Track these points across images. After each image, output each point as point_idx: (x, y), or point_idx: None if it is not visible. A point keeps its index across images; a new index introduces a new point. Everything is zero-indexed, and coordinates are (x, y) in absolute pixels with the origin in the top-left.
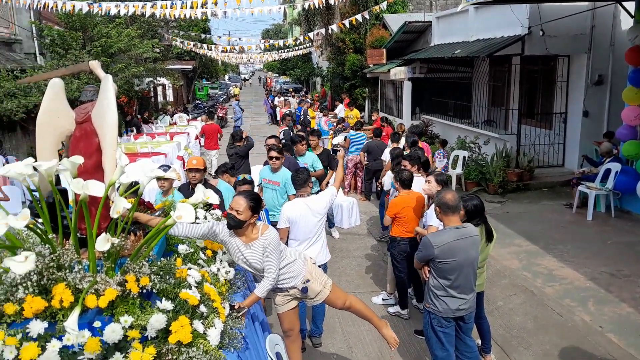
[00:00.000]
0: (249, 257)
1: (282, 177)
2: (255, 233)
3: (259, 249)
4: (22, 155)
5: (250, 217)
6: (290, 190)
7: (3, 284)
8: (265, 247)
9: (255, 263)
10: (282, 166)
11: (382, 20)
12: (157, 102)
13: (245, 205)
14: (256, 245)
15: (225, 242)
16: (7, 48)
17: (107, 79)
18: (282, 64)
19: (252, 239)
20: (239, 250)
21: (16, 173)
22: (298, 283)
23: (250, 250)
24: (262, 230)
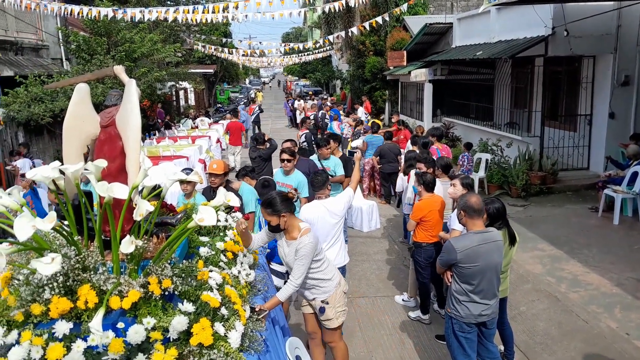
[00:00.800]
0: (287, 253)
1: (294, 179)
2: (296, 233)
3: (293, 249)
4: (48, 159)
5: (279, 220)
6: (303, 193)
7: (30, 285)
8: (298, 250)
9: (289, 261)
10: (295, 169)
11: (403, 22)
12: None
13: (266, 214)
14: (292, 245)
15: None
16: (35, 54)
17: (131, 83)
18: (302, 67)
19: (292, 238)
20: (282, 245)
21: (43, 176)
22: (318, 300)
23: (289, 248)
24: (303, 233)
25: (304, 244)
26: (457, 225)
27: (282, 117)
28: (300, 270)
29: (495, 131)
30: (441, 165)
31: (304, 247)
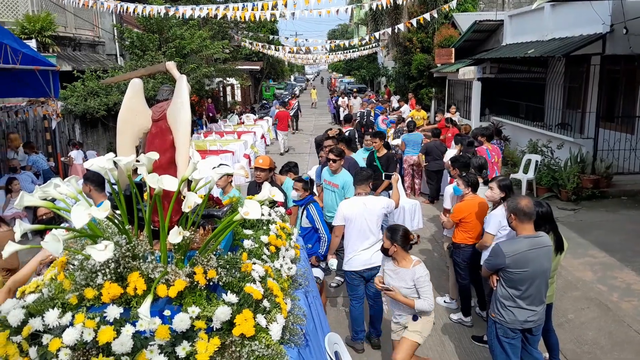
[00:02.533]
0: (393, 277)
1: (341, 179)
2: (407, 263)
3: (407, 277)
4: (102, 150)
5: (390, 246)
6: (348, 193)
7: (84, 270)
8: (417, 279)
9: (392, 282)
10: (342, 169)
11: (451, 19)
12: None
13: (384, 236)
14: (404, 273)
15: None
16: (92, 50)
17: (182, 79)
18: (347, 64)
19: (404, 266)
20: (388, 267)
21: (98, 167)
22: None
23: (398, 274)
24: (415, 264)
25: (421, 274)
26: (491, 228)
27: (326, 114)
28: (429, 292)
29: (546, 132)
30: (474, 165)
31: (422, 276)
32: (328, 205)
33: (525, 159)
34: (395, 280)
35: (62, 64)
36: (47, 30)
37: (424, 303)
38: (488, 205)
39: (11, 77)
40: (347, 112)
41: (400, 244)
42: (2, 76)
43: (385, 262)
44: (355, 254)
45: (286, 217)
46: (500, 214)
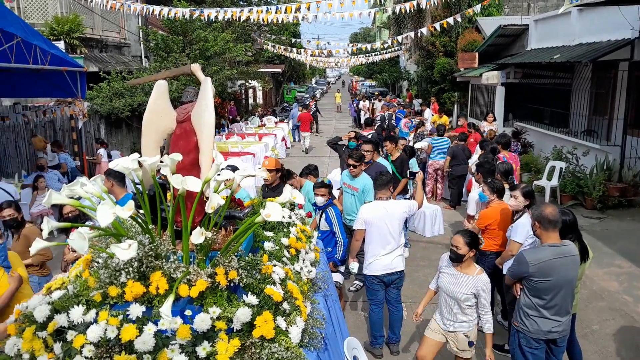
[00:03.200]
0: (453, 282)
1: (361, 183)
2: (472, 270)
3: (468, 283)
4: (125, 150)
5: (468, 252)
6: (367, 197)
7: (108, 268)
8: (481, 286)
9: (452, 288)
10: (363, 172)
11: (475, 23)
12: (248, 104)
13: (462, 242)
14: (466, 279)
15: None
16: (118, 51)
17: (207, 81)
18: (369, 67)
19: (467, 273)
20: (449, 272)
21: (123, 167)
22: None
23: (458, 279)
24: (479, 272)
25: (485, 282)
26: (518, 237)
27: (347, 117)
28: (489, 302)
29: (571, 138)
30: (501, 171)
31: (486, 284)
32: (347, 208)
33: (549, 166)
34: (454, 285)
35: (89, 65)
36: (75, 31)
37: (490, 322)
38: (511, 212)
39: (40, 78)
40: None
41: (473, 249)
42: (32, 77)
43: (445, 265)
44: (376, 259)
45: (306, 220)
46: (528, 222)
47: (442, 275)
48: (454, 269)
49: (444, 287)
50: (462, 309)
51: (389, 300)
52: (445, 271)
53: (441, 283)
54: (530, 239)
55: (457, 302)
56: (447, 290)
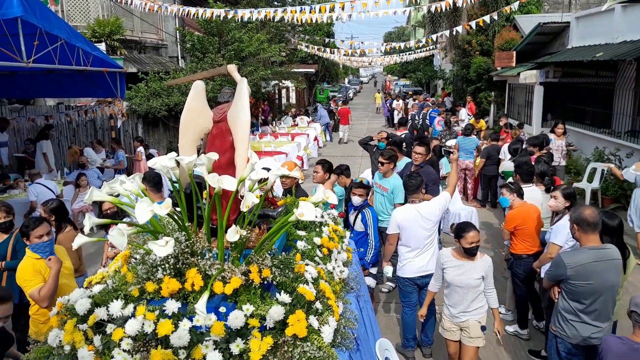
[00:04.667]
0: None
1: (391, 183)
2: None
3: (477, 269)
4: (162, 149)
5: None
6: (397, 198)
7: (145, 264)
8: (488, 268)
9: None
10: (394, 172)
11: (513, 21)
12: (281, 104)
13: (478, 235)
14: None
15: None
16: (155, 52)
17: (243, 82)
18: (403, 66)
19: (469, 259)
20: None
21: (161, 165)
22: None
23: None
24: (481, 255)
25: (490, 263)
26: (558, 239)
27: (379, 117)
28: (492, 281)
29: (614, 139)
30: (537, 172)
31: (490, 265)
32: (378, 209)
33: (590, 168)
34: (463, 274)
35: (128, 66)
36: (115, 34)
37: (495, 298)
38: (540, 212)
39: (82, 78)
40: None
41: None
42: (75, 77)
43: (446, 260)
44: (409, 261)
45: (339, 220)
46: (568, 224)
47: (447, 270)
48: (458, 260)
49: (453, 280)
50: (475, 296)
51: (423, 302)
52: (449, 265)
53: (449, 277)
54: (571, 242)
55: (468, 291)
56: (458, 282)
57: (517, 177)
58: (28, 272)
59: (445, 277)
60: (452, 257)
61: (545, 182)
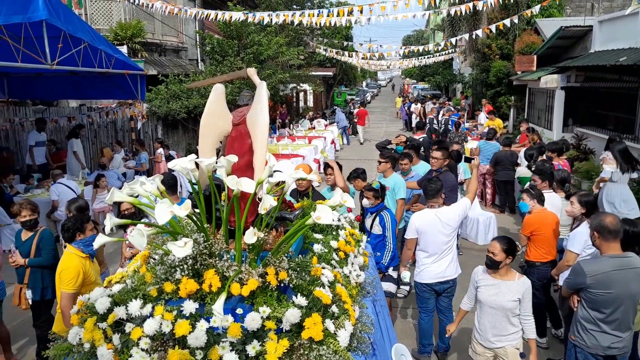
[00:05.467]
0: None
1: (391, 181)
2: (512, 276)
3: (513, 289)
4: (181, 151)
5: (505, 258)
6: (398, 194)
7: (164, 265)
8: (525, 290)
9: (500, 300)
10: (393, 172)
11: (534, 25)
12: (298, 107)
13: (499, 248)
14: (509, 285)
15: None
16: (175, 55)
17: (262, 85)
18: (422, 70)
19: (510, 278)
20: (485, 281)
21: (181, 167)
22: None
23: (498, 287)
24: (520, 276)
25: (528, 286)
26: (575, 247)
27: (397, 121)
28: (531, 306)
29: (637, 145)
30: (557, 179)
31: (528, 288)
32: None
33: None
34: (498, 294)
35: (148, 69)
36: (137, 36)
37: (532, 327)
38: (559, 220)
39: (104, 80)
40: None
41: (514, 257)
42: (97, 79)
43: (480, 278)
44: (427, 266)
45: (355, 224)
46: (585, 231)
47: (480, 289)
48: (493, 278)
49: (486, 300)
50: (509, 320)
51: (440, 309)
52: (483, 284)
53: (482, 297)
54: (588, 249)
55: (503, 313)
56: (491, 303)
57: (537, 181)
58: (72, 272)
59: (478, 297)
60: (486, 275)
61: (565, 189)
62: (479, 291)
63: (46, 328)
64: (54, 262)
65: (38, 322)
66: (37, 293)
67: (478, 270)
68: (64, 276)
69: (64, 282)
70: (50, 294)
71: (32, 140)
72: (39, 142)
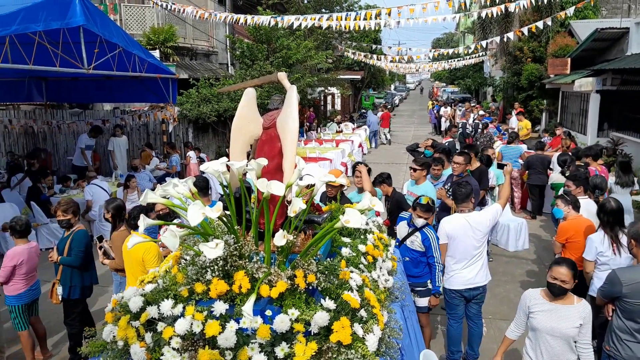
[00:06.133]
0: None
1: (422, 190)
2: (571, 300)
3: (574, 316)
4: (211, 154)
5: (574, 283)
6: None
7: (195, 265)
8: (586, 316)
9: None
10: (426, 179)
11: (568, 27)
12: (326, 110)
13: (569, 274)
14: (569, 310)
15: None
16: (206, 59)
17: (292, 89)
18: (451, 73)
19: (569, 303)
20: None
21: (213, 170)
22: None
23: (558, 312)
24: (578, 300)
25: (589, 310)
26: (588, 254)
27: (426, 124)
28: (590, 335)
29: None
30: (591, 185)
31: (590, 312)
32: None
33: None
34: (558, 320)
35: (180, 72)
36: (169, 41)
37: (592, 357)
38: (594, 226)
39: (138, 84)
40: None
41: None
42: (130, 83)
43: (534, 303)
44: (457, 272)
45: (383, 228)
46: (597, 239)
47: (535, 315)
48: (551, 303)
49: (544, 327)
50: (570, 348)
51: (469, 315)
52: (538, 309)
53: (538, 324)
54: (602, 257)
55: (565, 342)
56: (549, 330)
57: (571, 186)
58: (153, 251)
59: (532, 324)
60: (542, 300)
61: (595, 195)
62: (534, 318)
63: (75, 325)
64: (82, 263)
65: (67, 319)
66: (65, 291)
67: (530, 295)
68: (147, 257)
69: (148, 263)
70: (78, 294)
71: (83, 143)
72: (88, 146)
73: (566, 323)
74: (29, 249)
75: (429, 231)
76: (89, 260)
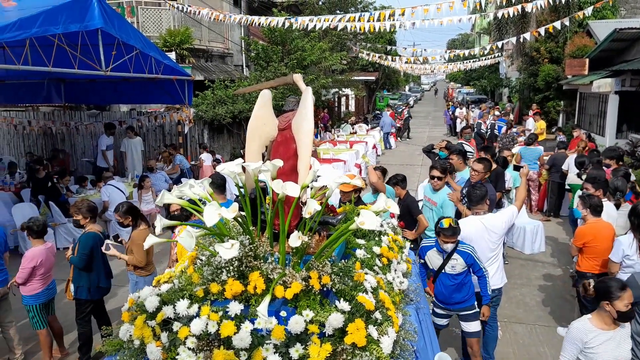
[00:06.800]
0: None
1: (440, 197)
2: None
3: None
4: (226, 155)
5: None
6: (446, 212)
7: (211, 266)
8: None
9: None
10: (445, 186)
11: (586, 27)
12: (340, 111)
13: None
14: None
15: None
16: (221, 61)
17: (308, 91)
18: (467, 74)
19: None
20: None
21: (229, 170)
22: None
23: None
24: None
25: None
26: (614, 256)
27: (441, 125)
28: None
29: None
30: (611, 187)
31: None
32: None
33: None
34: (615, 347)
35: (195, 74)
36: (185, 43)
37: None
38: (614, 231)
39: (154, 86)
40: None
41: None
42: (146, 85)
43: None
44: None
45: (398, 230)
46: (626, 241)
47: (598, 349)
48: (608, 330)
49: (607, 358)
50: None
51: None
52: (600, 341)
53: (602, 356)
54: (629, 260)
55: None
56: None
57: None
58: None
59: (592, 359)
60: (597, 330)
61: (615, 197)
62: (596, 352)
63: (82, 325)
64: (85, 265)
65: (77, 318)
66: (75, 289)
67: (584, 329)
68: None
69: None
70: (85, 295)
71: (104, 144)
72: (109, 146)
73: (626, 346)
74: (46, 249)
75: (465, 247)
76: (94, 263)
